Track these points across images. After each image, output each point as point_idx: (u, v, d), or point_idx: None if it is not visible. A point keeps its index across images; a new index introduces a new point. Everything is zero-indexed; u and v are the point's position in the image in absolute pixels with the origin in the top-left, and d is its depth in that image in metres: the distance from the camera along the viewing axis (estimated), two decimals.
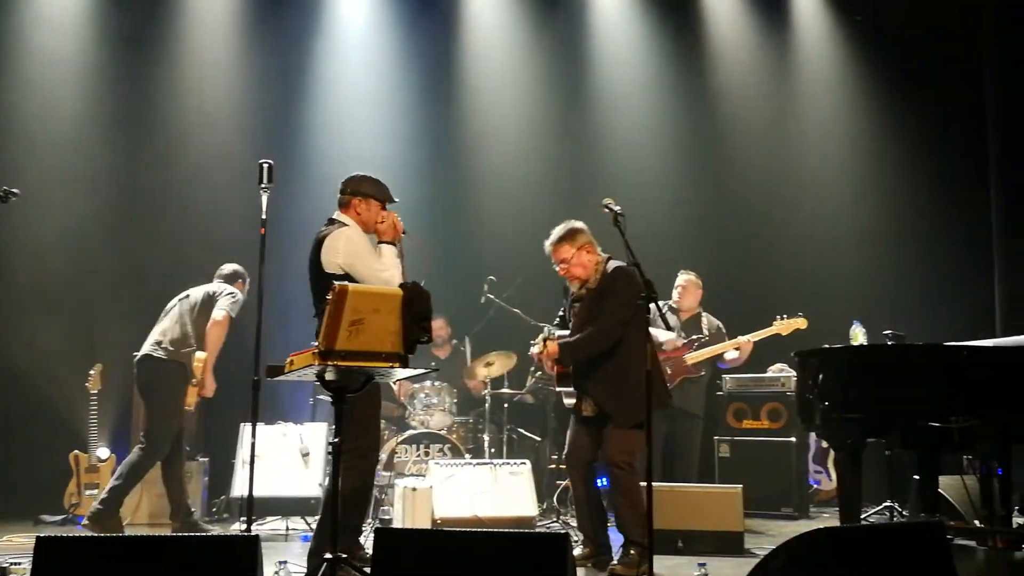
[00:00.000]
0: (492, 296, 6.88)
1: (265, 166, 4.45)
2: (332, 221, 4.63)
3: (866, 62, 8.90)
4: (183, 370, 5.97)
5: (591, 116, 8.83)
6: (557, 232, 5.10)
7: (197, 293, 6.17)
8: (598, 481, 5.23)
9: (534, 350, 5.21)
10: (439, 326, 7.53)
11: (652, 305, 4.46)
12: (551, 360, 5.06)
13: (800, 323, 6.67)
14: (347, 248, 4.49)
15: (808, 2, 9.17)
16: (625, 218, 4.57)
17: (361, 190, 4.66)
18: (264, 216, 4.45)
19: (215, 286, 6.22)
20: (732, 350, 6.76)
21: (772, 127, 8.95)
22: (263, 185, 4.45)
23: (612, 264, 5.03)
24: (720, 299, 7.34)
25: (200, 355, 6.00)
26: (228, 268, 6.34)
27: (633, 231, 4.56)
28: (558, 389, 5.27)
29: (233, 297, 6.13)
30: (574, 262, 5.03)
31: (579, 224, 5.11)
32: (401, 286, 3.90)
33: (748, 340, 6.72)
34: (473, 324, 7.36)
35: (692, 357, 6.69)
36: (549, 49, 8.82)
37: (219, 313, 6.01)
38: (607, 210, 4.62)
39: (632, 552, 4.84)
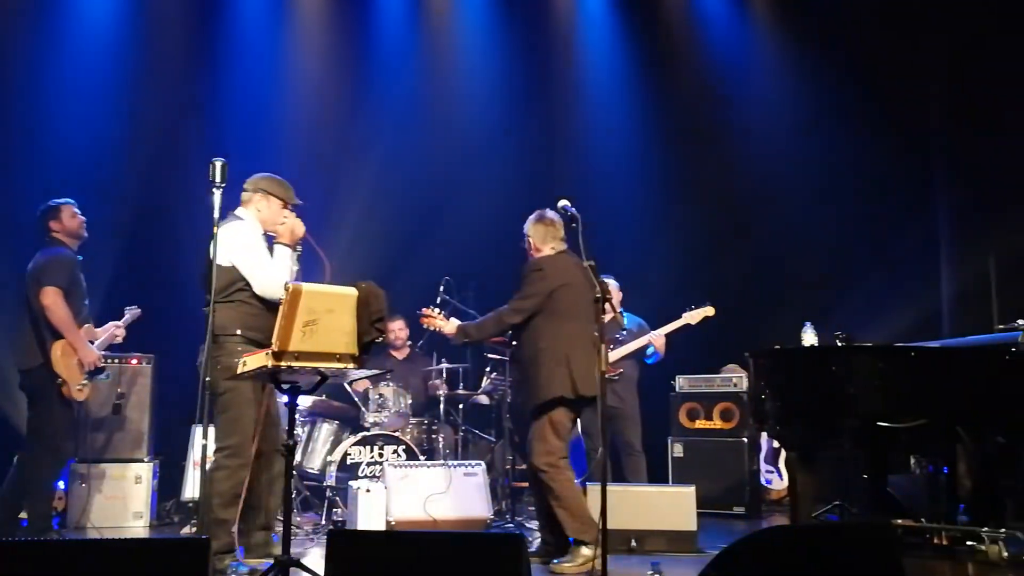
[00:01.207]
0: (448, 297, 6.86)
1: (218, 163, 4.36)
2: (233, 217, 4.68)
3: (821, 72, 9.01)
4: (43, 371, 5.55)
5: (549, 117, 8.84)
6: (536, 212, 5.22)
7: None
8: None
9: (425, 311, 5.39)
10: (398, 327, 7.49)
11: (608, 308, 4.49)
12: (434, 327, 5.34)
13: (708, 311, 6.81)
14: (235, 241, 4.53)
15: (768, 12, 9.29)
16: (581, 220, 4.58)
17: (262, 188, 4.70)
18: (216, 215, 4.37)
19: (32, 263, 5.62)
20: (650, 346, 6.86)
21: (730, 131, 9.03)
22: (216, 183, 4.36)
23: (540, 255, 5.12)
24: (673, 300, 7.39)
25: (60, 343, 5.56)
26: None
27: (591, 231, 4.58)
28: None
29: (52, 260, 5.52)
30: (530, 244, 5.20)
31: (548, 216, 5.16)
32: (356, 286, 3.87)
33: (659, 335, 6.86)
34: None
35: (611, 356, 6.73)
36: (509, 49, 8.82)
37: (44, 292, 5.45)
38: (563, 211, 4.64)
39: (575, 550, 4.83)
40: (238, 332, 4.49)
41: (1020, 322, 5.57)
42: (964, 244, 8.42)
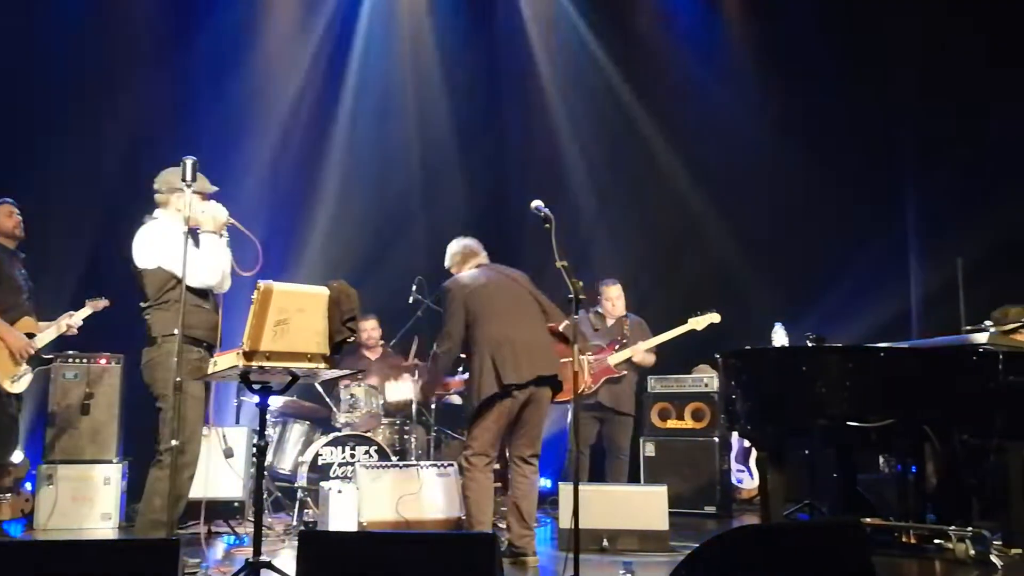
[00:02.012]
0: (420, 297, 6.84)
1: (189, 162, 4.29)
2: (149, 219, 4.64)
3: (792, 76, 9.07)
4: None
5: (523, 116, 8.85)
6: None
7: None
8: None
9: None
10: (371, 327, 7.46)
11: (581, 312, 4.53)
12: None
13: (714, 317, 6.82)
14: (151, 241, 4.49)
15: (734, 9, 9.34)
16: (553, 222, 4.58)
17: (175, 187, 4.56)
18: (188, 213, 4.32)
19: None
20: (642, 353, 6.91)
21: (699, 131, 9.07)
22: (187, 181, 4.30)
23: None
24: (645, 301, 7.44)
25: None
26: None
27: (559, 231, 4.58)
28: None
29: None
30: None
31: (463, 242, 5.45)
32: (327, 285, 3.85)
33: (651, 345, 6.91)
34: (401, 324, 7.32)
35: (614, 358, 6.85)
36: (483, 48, 8.82)
37: None
38: (536, 212, 4.65)
39: None
40: (175, 332, 4.26)
41: (987, 323, 5.65)
42: (932, 247, 8.52)
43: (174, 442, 4.07)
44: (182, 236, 4.33)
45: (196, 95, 7.93)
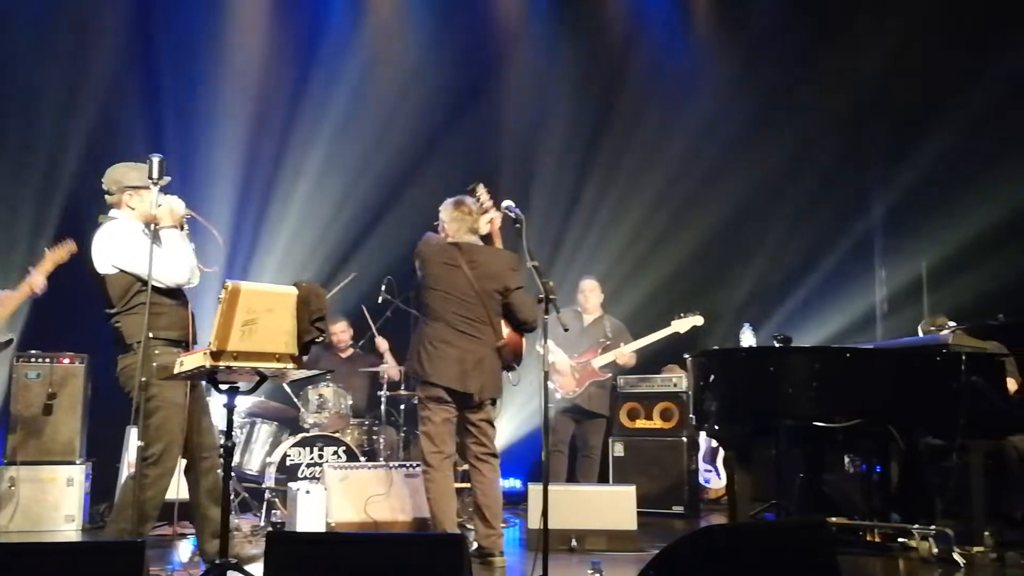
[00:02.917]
0: (390, 297, 6.82)
1: (155, 160, 4.22)
2: (106, 219, 4.44)
3: (759, 79, 9.14)
4: None
5: (492, 116, 8.84)
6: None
7: None
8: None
9: None
10: (341, 329, 7.41)
11: (553, 313, 4.49)
12: None
13: (697, 320, 6.86)
14: (113, 245, 4.32)
15: (710, 18, 9.41)
16: (524, 222, 4.59)
17: (125, 185, 4.43)
18: (154, 212, 4.26)
19: None
20: (626, 355, 6.96)
21: (667, 131, 9.11)
22: (154, 179, 4.23)
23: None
24: (615, 301, 7.46)
25: None
26: None
27: (531, 232, 4.58)
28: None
29: None
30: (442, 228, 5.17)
31: (466, 203, 5.15)
32: (296, 285, 3.83)
33: (641, 345, 6.94)
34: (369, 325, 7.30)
35: (598, 360, 6.90)
36: (452, 47, 8.80)
37: None
38: (507, 213, 4.64)
39: None
40: (150, 335, 4.21)
41: (950, 324, 5.73)
42: (897, 249, 8.64)
43: (139, 443, 4.01)
44: (142, 235, 4.24)
45: (160, 91, 7.83)
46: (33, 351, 6.33)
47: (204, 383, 4.41)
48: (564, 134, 8.93)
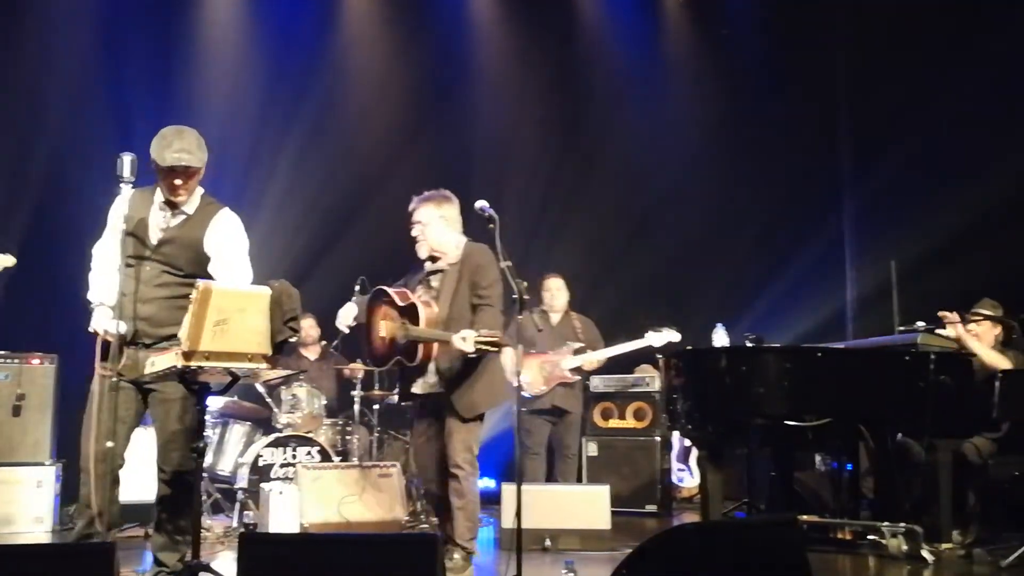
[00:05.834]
0: (364, 297, 6.80)
1: (127, 158, 4.18)
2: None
3: (729, 78, 9.20)
4: None
5: (464, 117, 8.85)
6: (428, 193, 4.97)
7: None
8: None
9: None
10: (308, 325, 7.39)
11: (525, 312, 4.48)
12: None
13: (673, 336, 6.66)
14: (244, 242, 4.39)
15: (677, 20, 9.46)
16: (498, 222, 4.58)
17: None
18: (127, 211, 4.22)
19: None
20: (595, 362, 6.88)
21: (637, 131, 9.14)
22: (124, 178, 4.18)
23: (473, 245, 4.90)
24: (585, 301, 7.47)
25: None
26: None
27: (503, 232, 4.58)
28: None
29: None
30: (431, 227, 4.87)
31: (452, 196, 4.98)
32: (268, 285, 3.81)
33: (613, 353, 6.86)
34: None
35: (567, 362, 6.74)
36: (423, 49, 8.80)
37: None
38: (480, 212, 4.64)
39: (456, 556, 4.63)
40: None
41: (919, 324, 5.78)
42: (867, 249, 8.72)
43: (109, 444, 3.97)
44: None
45: (130, 89, 7.76)
46: (2, 351, 6.26)
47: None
48: (536, 135, 8.95)
